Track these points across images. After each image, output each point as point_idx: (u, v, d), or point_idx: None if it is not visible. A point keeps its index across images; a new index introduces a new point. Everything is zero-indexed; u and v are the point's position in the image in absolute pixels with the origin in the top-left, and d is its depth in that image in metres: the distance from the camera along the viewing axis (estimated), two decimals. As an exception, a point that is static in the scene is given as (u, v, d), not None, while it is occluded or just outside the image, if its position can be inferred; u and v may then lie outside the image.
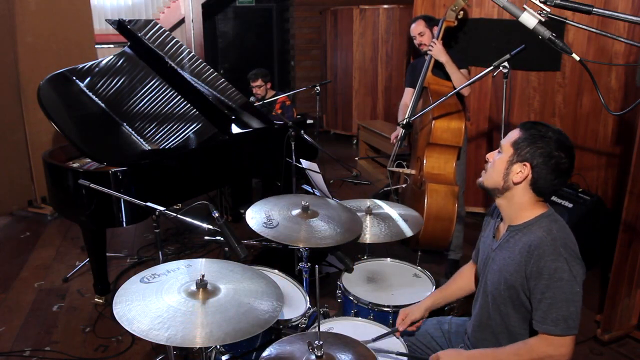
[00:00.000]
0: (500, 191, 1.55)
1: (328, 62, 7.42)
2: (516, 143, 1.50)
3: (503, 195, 1.55)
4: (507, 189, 1.53)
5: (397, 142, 3.23)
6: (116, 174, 2.74)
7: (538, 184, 1.48)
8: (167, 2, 7.00)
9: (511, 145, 1.51)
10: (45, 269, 3.57)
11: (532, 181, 1.48)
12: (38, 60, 4.39)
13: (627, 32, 3.29)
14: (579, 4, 1.39)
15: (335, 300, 2.17)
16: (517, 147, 1.50)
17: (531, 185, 1.49)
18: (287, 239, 1.91)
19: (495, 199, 1.60)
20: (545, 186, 1.48)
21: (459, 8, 3.11)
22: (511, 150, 1.51)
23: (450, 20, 3.13)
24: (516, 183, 1.50)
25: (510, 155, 1.51)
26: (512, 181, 1.50)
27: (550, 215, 1.51)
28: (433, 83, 3.10)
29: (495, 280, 1.57)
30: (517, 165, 1.49)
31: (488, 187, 1.58)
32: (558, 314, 1.41)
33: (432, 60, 3.11)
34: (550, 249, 1.42)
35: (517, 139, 1.50)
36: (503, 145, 1.55)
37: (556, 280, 1.41)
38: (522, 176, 1.48)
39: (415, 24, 3.21)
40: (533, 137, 1.47)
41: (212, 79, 3.79)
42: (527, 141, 1.48)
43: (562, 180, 1.48)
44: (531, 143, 1.47)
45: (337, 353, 1.48)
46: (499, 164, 1.54)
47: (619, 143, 3.50)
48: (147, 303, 1.45)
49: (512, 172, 1.50)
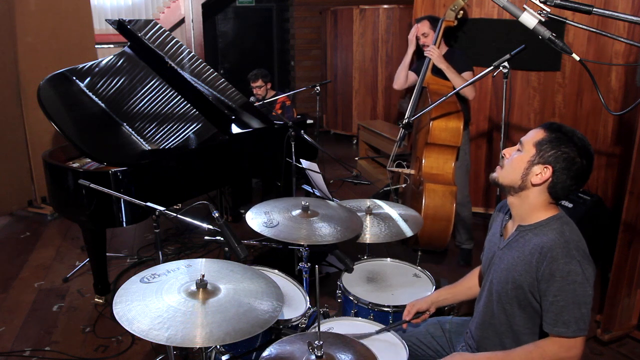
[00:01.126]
0: (515, 190, 1.52)
1: (328, 62, 7.42)
2: (540, 144, 1.46)
3: (517, 194, 1.53)
4: (523, 189, 1.50)
5: (396, 142, 3.24)
6: (116, 174, 2.74)
7: (556, 188, 1.46)
8: (167, 2, 7.00)
9: (534, 145, 1.47)
10: (45, 269, 3.57)
11: (551, 184, 1.46)
12: (38, 60, 4.39)
13: (627, 32, 3.29)
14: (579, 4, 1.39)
15: (335, 300, 2.17)
16: (540, 148, 1.46)
17: (549, 188, 1.47)
18: (287, 238, 1.91)
19: (508, 196, 1.57)
20: (562, 191, 1.47)
21: (459, 7, 3.11)
22: (533, 151, 1.47)
23: (450, 19, 3.14)
24: (534, 184, 1.48)
25: (532, 155, 1.47)
26: (531, 182, 1.48)
27: (562, 217, 1.50)
28: (432, 83, 3.11)
29: (502, 280, 1.55)
30: (539, 166, 1.46)
31: (503, 184, 1.55)
32: (570, 316, 1.40)
33: (430, 62, 3.12)
34: (564, 252, 1.41)
35: (541, 140, 1.46)
36: (525, 144, 1.50)
37: (569, 282, 1.40)
38: (541, 178, 1.46)
39: (421, 24, 3.22)
40: (558, 140, 1.44)
41: (212, 79, 3.79)
42: (551, 143, 1.44)
43: (579, 186, 1.47)
44: (556, 146, 1.44)
45: (337, 353, 1.48)
46: (518, 162, 1.50)
47: (619, 143, 3.50)
48: (147, 303, 1.45)
49: (532, 173, 1.47)
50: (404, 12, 6.64)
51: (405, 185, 3.31)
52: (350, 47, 6.95)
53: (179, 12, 6.89)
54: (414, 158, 3.23)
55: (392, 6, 6.69)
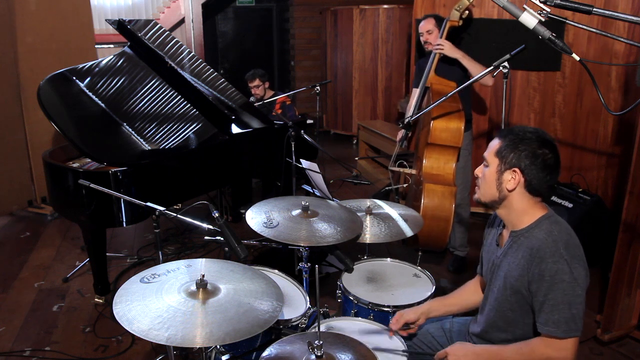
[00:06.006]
0: (498, 202, 1.56)
1: (328, 62, 7.42)
2: (499, 152, 1.52)
3: (502, 205, 1.56)
4: (504, 198, 1.54)
5: (398, 142, 3.23)
6: (116, 174, 2.74)
7: (532, 184, 1.49)
8: (167, 2, 7.01)
9: (495, 156, 1.53)
10: (45, 269, 3.57)
11: (526, 184, 1.49)
12: (38, 60, 4.39)
13: (627, 32, 3.29)
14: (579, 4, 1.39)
15: (335, 300, 2.17)
16: (501, 156, 1.51)
17: (526, 188, 1.50)
18: (287, 239, 1.91)
19: (496, 210, 1.61)
20: (540, 185, 1.49)
21: (463, 7, 3.10)
22: (497, 161, 1.52)
23: (455, 20, 3.13)
24: (511, 190, 1.51)
25: (497, 165, 1.52)
26: (507, 189, 1.51)
27: (550, 217, 1.51)
28: (436, 83, 3.09)
29: (501, 287, 1.57)
30: (507, 173, 1.50)
31: (486, 201, 1.59)
32: (560, 316, 1.41)
33: (435, 59, 3.10)
34: (551, 251, 1.42)
35: (499, 148, 1.52)
36: (487, 158, 1.56)
37: (557, 282, 1.40)
38: (514, 182, 1.49)
39: (426, 21, 3.20)
40: (514, 142, 1.49)
41: (212, 79, 3.79)
42: (509, 147, 1.50)
43: (554, 175, 1.49)
44: (514, 148, 1.49)
45: (337, 353, 1.48)
46: (489, 177, 1.55)
47: (619, 143, 3.50)
48: (147, 303, 1.45)
49: (504, 180, 1.51)
50: (404, 12, 6.64)
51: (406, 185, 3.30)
52: (350, 47, 6.95)
53: (179, 12, 6.89)
54: (416, 158, 3.23)
55: (392, 6, 6.69)
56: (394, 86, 6.98)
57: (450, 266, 3.44)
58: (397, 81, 6.95)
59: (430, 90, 3.07)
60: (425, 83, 3.11)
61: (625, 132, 3.42)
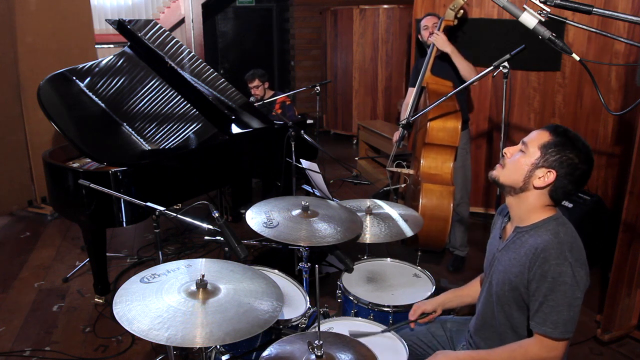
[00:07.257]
0: (515, 191, 1.51)
1: (328, 62, 7.42)
2: (545, 147, 1.45)
3: (517, 195, 1.51)
4: (524, 190, 1.49)
5: (395, 143, 3.24)
6: (116, 174, 2.74)
7: (557, 191, 1.46)
8: (167, 2, 7.01)
9: (539, 148, 1.45)
10: (45, 269, 3.57)
11: (552, 188, 1.46)
12: (38, 60, 4.39)
13: (627, 32, 3.29)
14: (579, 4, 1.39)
15: (335, 300, 2.17)
16: (545, 152, 1.44)
17: (550, 191, 1.46)
18: (287, 239, 1.91)
19: (507, 196, 1.56)
20: (563, 195, 1.47)
21: (458, 7, 3.10)
22: (538, 153, 1.45)
23: (449, 19, 3.13)
24: (536, 187, 1.47)
25: (536, 157, 1.45)
26: (533, 184, 1.47)
27: (558, 218, 1.49)
28: (432, 83, 3.10)
29: (500, 281, 1.56)
30: (542, 170, 1.45)
31: (504, 183, 1.53)
32: (559, 317, 1.41)
33: (432, 56, 3.10)
34: (557, 253, 1.41)
35: (547, 143, 1.45)
36: (529, 145, 1.48)
37: (560, 284, 1.40)
38: (544, 182, 1.45)
39: (431, 16, 3.25)
40: (564, 145, 1.43)
41: (212, 79, 3.79)
42: (557, 147, 1.43)
43: (578, 191, 1.48)
44: (561, 150, 1.42)
45: (337, 353, 1.48)
46: (522, 164, 1.48)
47: (619, 143, 3.50)
48: (147, 303, 1.45)
49: (535, 175, 1.46)
50: (404, 12, 6.64)
51: (405, 185, 3.30)
52: (350, 47, 6.95)
53: (179, 12, 6.89)
54: (413, 158, 3.23)
55: (392, 6, 6.69)
56: (394, 86, 6.98)
57: (450, 266, 3.44)
58: (397, 81, 6.95)
59: (426, 90, 3.07)
60: (422, 82, 3.12)
61: (625, 132, 3.42)
